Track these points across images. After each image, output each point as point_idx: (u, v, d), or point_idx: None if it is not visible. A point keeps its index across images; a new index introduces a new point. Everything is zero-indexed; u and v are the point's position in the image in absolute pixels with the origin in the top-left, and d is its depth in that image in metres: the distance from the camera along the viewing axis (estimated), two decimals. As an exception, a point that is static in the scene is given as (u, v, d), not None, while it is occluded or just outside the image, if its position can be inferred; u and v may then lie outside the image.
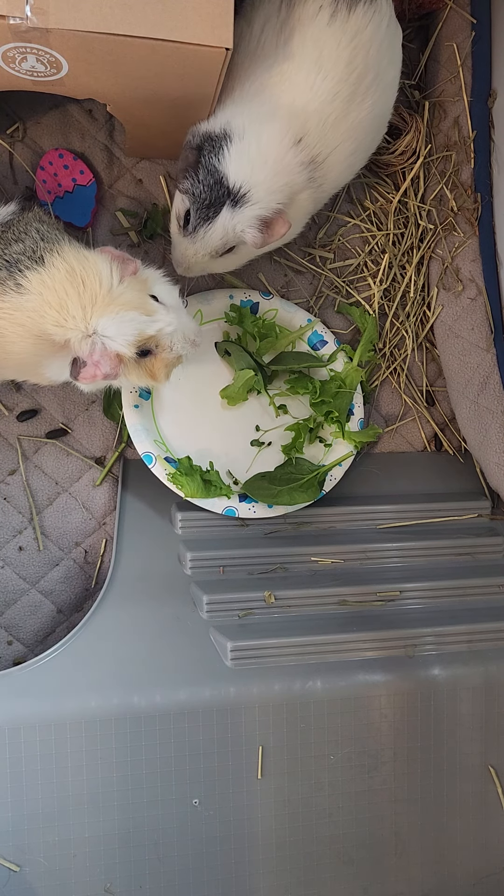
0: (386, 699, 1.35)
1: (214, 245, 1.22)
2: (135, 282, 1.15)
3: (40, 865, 1.23)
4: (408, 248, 1.57)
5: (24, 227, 1.15)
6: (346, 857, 1.34)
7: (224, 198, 1.18)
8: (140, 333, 1.12)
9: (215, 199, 1.18)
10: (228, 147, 1.17)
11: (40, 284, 1.09)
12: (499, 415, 1.46)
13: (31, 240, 1.13)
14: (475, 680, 1.38)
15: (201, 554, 1.40)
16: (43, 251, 1.11)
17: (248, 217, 1.19)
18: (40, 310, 1.09)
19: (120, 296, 1.11)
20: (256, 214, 1.19)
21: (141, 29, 1.04)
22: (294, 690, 1.32)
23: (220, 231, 1.20)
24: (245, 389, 1.44)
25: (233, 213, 1.18)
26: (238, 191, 1.17)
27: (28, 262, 1.10)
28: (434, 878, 1.37)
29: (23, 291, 1.09)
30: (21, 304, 1.09)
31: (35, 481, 1.45)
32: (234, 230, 1.20)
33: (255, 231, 1.19)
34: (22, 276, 1.09)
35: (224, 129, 1.18)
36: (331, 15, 1.20)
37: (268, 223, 1.20)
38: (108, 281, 1.11)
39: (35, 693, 1.24)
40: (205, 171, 1.18)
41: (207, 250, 1.23)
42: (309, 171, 1.24)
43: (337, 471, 1.47)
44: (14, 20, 1.01)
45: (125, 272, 1.15)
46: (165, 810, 1.27)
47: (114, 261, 1.14)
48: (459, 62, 1.54)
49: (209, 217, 1.19)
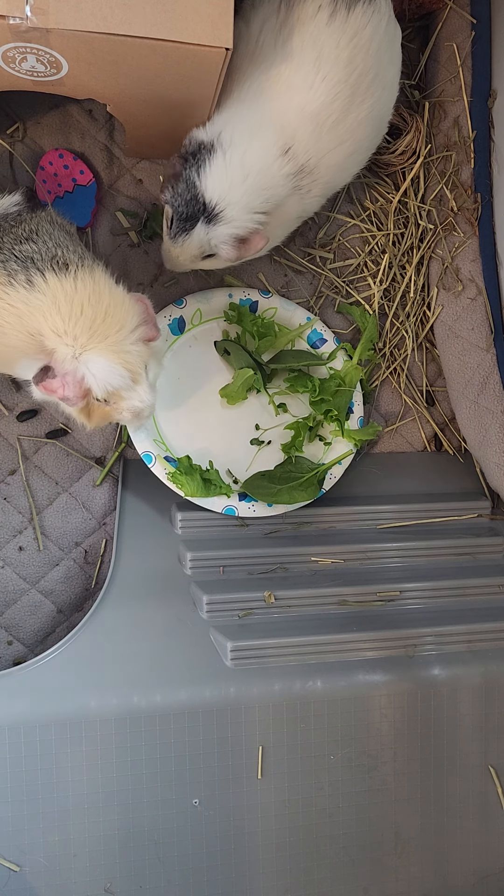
0: (386, 699, 1.35)
1: (192, 252, 1.25)
2: (144, 349, 1.16)
3: (40, 865, 1.23)
4: (408, 248, 1.57)
5: (36, 226, 1.15)
6: (346, 857, 1.34)
7: (199, 213, 1.19)
8: (115, 391, 1.13)
9: (191, 214, 1.20)
10: (210, 161, 1.18)
11: (58, 289, 1.09)
12: (499, 415, 1.46)
13: (46, 243, 1.13)
14: (475, 680, 1.38)
15: (201, 554, 1.40)
16: (68, 260, 1.11)
17: (221, 234, 1.21)
18: (46, 311, 1.09)
19: (125, 351, 1.12)
20: (230, 233, 1.21)
21: (141, 29, 1.04)
22: (294, 690, 1.32)
23: (196, 242, 1.23)
24: (244, 388, 1.44)
25: (207, 229, 1.21)
26: (213, 208, 1.19)
27: (48, 263, 1.10)
28: (434, 878, 1.37)
29: (34, 290, 1.09)
30: (28, 299, 1.09)
31: (35, 481, 1.45)
32: (208, 244, 1.23)
33: (229, 248, 1.22)
34: (39, 276, 1.09)
35: (213, 140, 1.19)
36: (330, 15, 1.20)
37: (244, 240, 1.22)
38: (127, 331, 1.12)
39: (35, 693, 1.24)
40: (184, 183, 1.19)
41: (186, 255, 1.26)
42: (295, 181, 1.25)
43: (337, 469, 1.47)
44: (14, 20, 1.01)
45: (146, 336, 1.17)
46: (165, 810, 1.27)
47: (142, 318, 1.16)
48: (459, 62, 1.54)
49: (186, 229, 1.21)
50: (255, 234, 1.22)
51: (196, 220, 1.20)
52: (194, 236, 1.22)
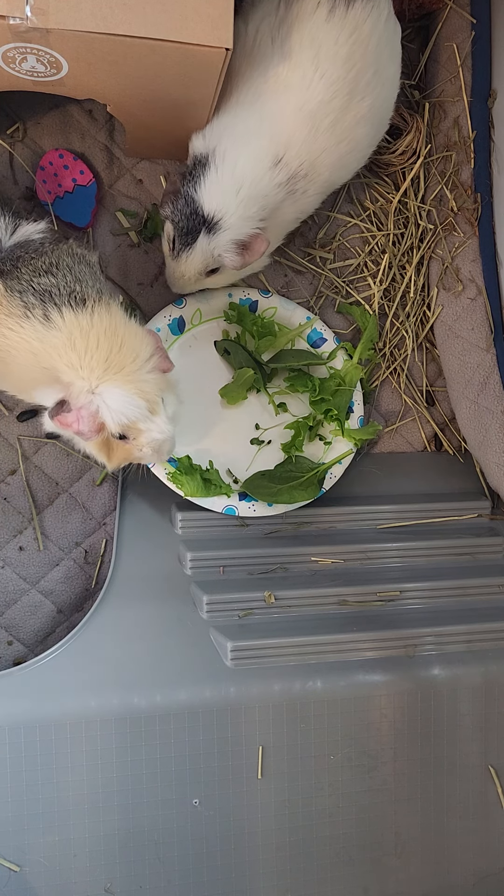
0: (386, 699, 1.35)
1: (196, 268, 1.29)
2: (159, 378, 1.16)
3: (40, 865, 1.23)
4: (408, 248, 1.57)
5: (57, 259, 1.14)
6: (346, 857, 1.34)
7: (200, 225, 1.24)
8: (133, 422, 1.13)
9: (192, 227, 1.24)
10: (205, 176, 1.22)
11: (74, 326, 1.09)
12: (499, 415, 1.46)
13: (65, 277, 1.12)
14: (475, 680, 1.38)
15: (201, 554, 1.40)
16: (86, 296, 1.11)
17: (223, 242, 1.24)
18: (61, 349, 1.08)
19: (141, 381, 1.12)
20: (231, 239, 1.24)
21: (141, 29, 1.04)
22: (294, 690, 1.32)
23: (199, 255, 1.26)
24: (244, 388, 1.44)
25: (209, 240, 1.24)
26: (212, 218, 1.23)
27: (65, 299, 1.10)
28: (434, 878, 1.37)
29: (50, 326, 1.08)
30: (44, 336, 1.09)
31: (35, 481, 1.45)
32: (212, 255, 1.26)
33: (233, 255, 1.25)
34: (56, 311, 1.09)
35: (207, 153, 1.23)
36: (329, 11, 1.20)
37: (245, 245, 1.25)
38: (142, 361, 1.12)
39: (35, 693, 1.24)
40: (183, 200, 1.24)
41: (191, 272, 1.30)
42: (288, 187, 1.27)
43: (337, 469, 1.47)
44: (14, 20, 1.01)
45: (160, 365, 1.17)
46: (165, 810, 1.27)
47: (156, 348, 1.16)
48: (459, 62, 1.54)
49: (188, 243, 1.25)
50: (256, 238, 1.25)
51: (197, 233, 1.24)
52: (197, 249, 1.25)
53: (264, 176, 1.24)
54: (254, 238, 1.25)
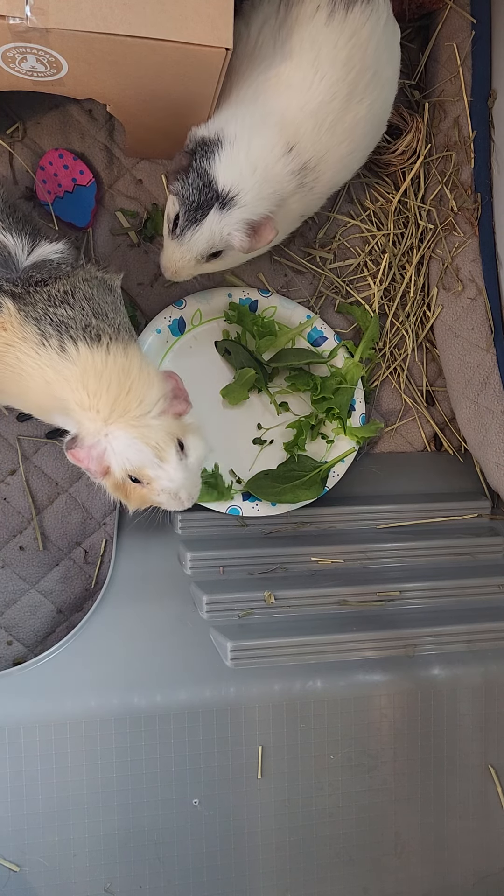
0: (386, 699, 1.35)
1: (200, 248, 1.23)
2: (172, 423, 1.14)
3: (40, 865, 1.23)
4: (408, 248, 1.57)
5: (72, 287, 1.11)
6: (346, 856, 1.34)
7: (213, 200, 1.19)
8: (138, 469, 1.12)
9: (203, 202, 1.19)
10: (219, 152, 1.18)
11: (89, 362, 1.07)
12: (499, 415, 1.46)
13: (82, 309, 1.10)
14: (475, 680, 1.38)
15: (201, 554, 1.40)
16: (101, 332, 1.09)
17: (235, 220, 1.20)
18: (74, 384, 1.07)
19: (146, 426, 1.10)
20: (244, 218, 1.20)
21: (141, 29, 1.04)
22: (294, 690, 1.32)
23: (206, 233, 1.21)
24: (246, 388, 1.44)
25: (220, 216, 1.20)
26: (227, 194, 1.18)
27: (80, 333, 1.08)
28: (434, 878, 1.37)
29: (65, 357, 1.07)
30: (58, 366, 1.07)
31: (35, 481, 1.45)
32: (220, 233, 1.21)
33: (242, 235, 1.21)
34: (71, 343, 1.07)
35: (217, 134, 1.20)
36: (328, 14, 1.20)
37: (255, 228, 1.21)
38: (148, 408, 1.11)
39: (35, 693, 1.24)
40: (195, 173, 1.19)
41: (193, 253, 1.24)
42: (299, 178, 1.25)
43: (340, 467, 1.47)
44: (14, 20, 1.01)
45: (172, 409, 1.15)
46: (165, 810, 1.27)
47: (172, 393, 1.14)
48: (459, 62, 1.54)
49: (197, 219, 1.20)
50: (267, 222, 1.21)
51: (209, 208, 1.19)
52: (206, 226, 1.20)
53: (278, 161, 1.21)
54: (265, 221, 1.21)
